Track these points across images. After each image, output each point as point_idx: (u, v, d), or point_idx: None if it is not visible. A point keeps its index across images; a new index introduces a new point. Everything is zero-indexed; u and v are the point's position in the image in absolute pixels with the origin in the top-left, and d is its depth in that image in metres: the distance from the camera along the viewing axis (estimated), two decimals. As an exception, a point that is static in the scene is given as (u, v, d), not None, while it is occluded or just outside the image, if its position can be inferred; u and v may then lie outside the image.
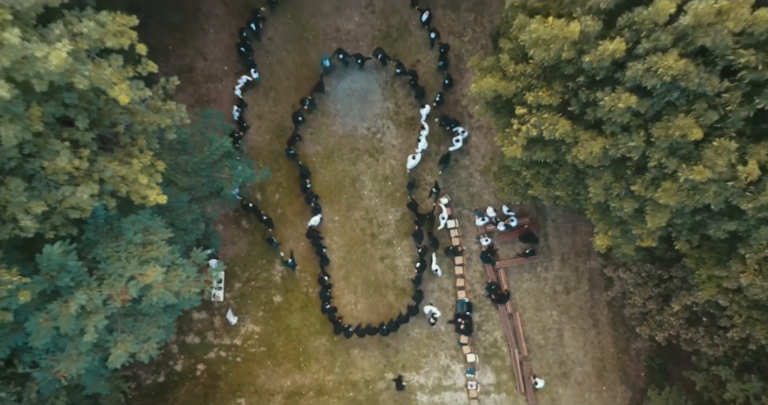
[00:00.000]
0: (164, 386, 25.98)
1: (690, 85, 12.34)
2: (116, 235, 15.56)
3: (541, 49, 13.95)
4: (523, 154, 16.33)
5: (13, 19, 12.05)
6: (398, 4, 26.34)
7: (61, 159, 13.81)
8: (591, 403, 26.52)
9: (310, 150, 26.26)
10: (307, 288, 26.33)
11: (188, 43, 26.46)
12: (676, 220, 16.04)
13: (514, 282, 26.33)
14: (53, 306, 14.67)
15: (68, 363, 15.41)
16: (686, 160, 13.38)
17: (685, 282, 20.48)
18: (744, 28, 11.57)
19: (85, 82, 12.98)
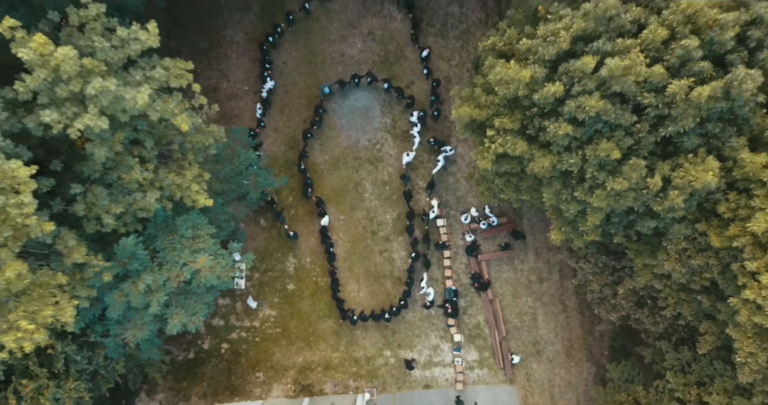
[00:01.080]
0: (194, 362, 30.22)
1: (609, 119, 16.57)
2: (171, 230, 19.79)
3: (503, 87, 18.19)
4: (493, 167, 20.56)
5: (107, 69, 16.27)
6: (395, 33, 30.56)
7: (134, 171, 18.03)
8: (561, 377, 30.76)
9: (318, 159, 30.49)
10: (316, 278, 30.55)
11: (213, 66, 30.70)
12: (614, 219, 20.26)
13: (494, 272, 30.57)
14: (125, 285, 18.91)
15: (135, 330, 19.65)
16: (611, 173, 17.61)
17: (632, 270, 24.70)
18: (645, 78, 15.80)
19: (156, 115, 17.19)
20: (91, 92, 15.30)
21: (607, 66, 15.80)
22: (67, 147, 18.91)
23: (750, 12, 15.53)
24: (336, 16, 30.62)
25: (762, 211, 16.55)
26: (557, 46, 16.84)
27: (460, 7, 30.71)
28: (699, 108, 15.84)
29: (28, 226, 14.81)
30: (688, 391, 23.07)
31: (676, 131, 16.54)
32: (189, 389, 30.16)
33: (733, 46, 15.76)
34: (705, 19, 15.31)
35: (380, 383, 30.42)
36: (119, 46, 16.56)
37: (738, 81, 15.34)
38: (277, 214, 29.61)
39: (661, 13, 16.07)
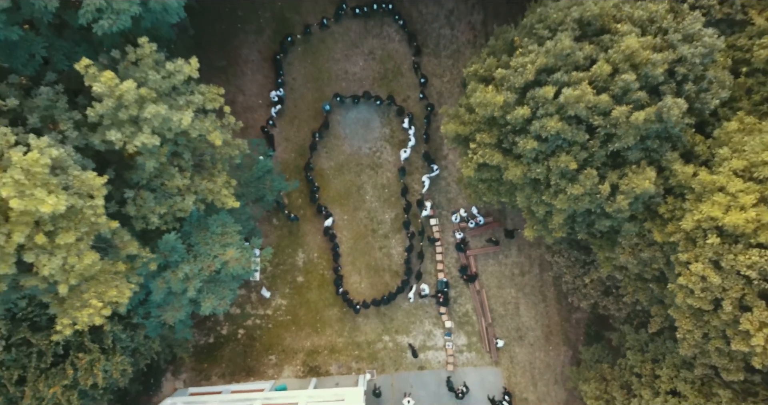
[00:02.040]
0: (214, 345, 33.92)
1: (567, 136, 20.28)
2: (204, 228, 23.49)
3: (482, 108, 21.91)
4: (475, 174, 24.28)
5: (156, 95, 19.97)
6: (393, 52, 34.26)
7: (175, 179, 21.73)
8: (540, 360, 34.50)
9: (325, 165, 34.21)
10: (323, 271, 34.27)
11: (231, 82, 34.38)
12: (578, 219, 23.96)
13: (481, 266, 34.31)
14: (166, 274, 22.63)
15: (173, 312, 23.38)
16: (570, 180, 21.31)
17: (597, 263, 28.42)
18: (594, 104, 19.52)
19: (195, 132, 20.88)
20: (146, 116, 19.01)
21: (564, 94, 19.52)
22: (118, 158, 22.58)
23: (676, 52, 19.26)
24: (340, 38, 34.32)
25: (690, 212, 20.29)
26: (525, 77, 20.57)
27: (451, 30, 34.43)
28: (638, 128, 19.57)
29: (98, 224, 18.52)
30: (644, 366, 26.82)
31: (621, 147, 20.26)
32: (209, 370, 33.88)
33: (664, 79, 19.50)
34: (640, 58, 19.04)
35: (379, 365, 34.14)
36: (167, 77, 20.28)
37: (667, 107, 19.08)
38: (278, 203, 32.99)
39: (608, 51, 19.80)
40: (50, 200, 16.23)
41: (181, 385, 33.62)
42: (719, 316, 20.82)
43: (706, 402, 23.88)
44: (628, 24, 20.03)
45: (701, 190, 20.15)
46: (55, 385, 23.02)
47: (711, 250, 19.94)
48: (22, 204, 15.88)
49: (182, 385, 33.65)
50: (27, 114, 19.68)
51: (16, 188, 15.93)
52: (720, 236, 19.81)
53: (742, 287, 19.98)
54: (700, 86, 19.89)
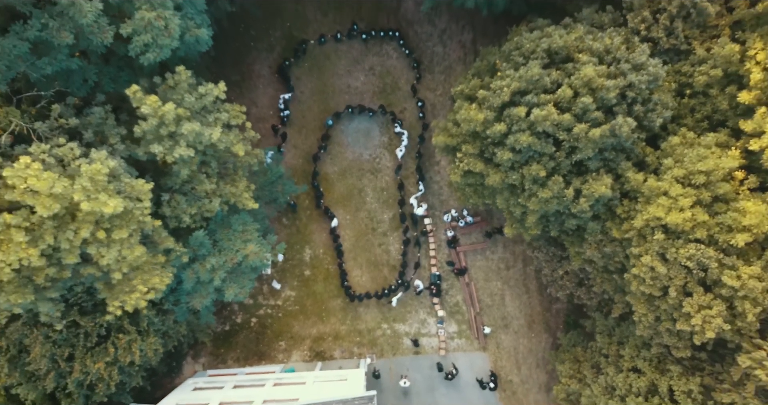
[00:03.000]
0: (229, 333, 37.65)
1: (537, 149, 24.00)
2: (227, 226, 27.22)
3: (466, 124, 25.65)
4: (461, 179, 28.02)
5: (190, 114, 23.69)
6: (391, 68, 37.99)
7: (204, 184, 25.44)
8: (524, 346, 38.23)
9: (330, 170, 37.94)
10: (327, 266, 37.99)
11: (245, 95, 38.09)
12: (551, 219, 27.68)
13: (470, 261, 38.05)
14: (195, 265, 26.36)
15: (200, 299, 27.11)
16: (541, 186, 25.02)
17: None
18: (559, 122, 23.24)
19: (222, 145, 24.60)
20: (183, 132, 22.74)
21: (534, 113, 23.27)
22: (154, 166, 26.28)
23: (627, 79, 22.99)
24: (343, 55, 38.06)
25: (641, 212, 24.04)
26: (501, 98, 24.31)
27: (443, 48, 38.18)
28: (595, 142, 23.31)
29: (144, 222, 22.24)
30: (611, 348, 30.58)
31: (583, 157, 23.99)
32: (225, 354, 37.62)
33: (616, 101, 23.24)
34: (596, 84, 22.78)
35: (379, 350, 37.88)
36: (199, 98, 24.03)
37: (619, 125, 22.83)
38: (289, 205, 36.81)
39: (570, 78, 23.53)
40: (111, 203, 19.96)
41: (200, 368, 37.36)
42: (667, 301, 24.57)
43: (660, 377, 27.61)
44: (588, 54, 23.78)
45: (649, 194, 23.90)
46: (99, 361, 26.74)
47: (657, 244, 23.70)
48: (89, 206, 19.62)
49: (201, 368, 37.39)
50: (82, 130, 23.41)
51: (85, 193, 19.66)
52: (664, 233, 23.57)
53: (684, 276, 23.75)
54: (647, 107, 23.65)
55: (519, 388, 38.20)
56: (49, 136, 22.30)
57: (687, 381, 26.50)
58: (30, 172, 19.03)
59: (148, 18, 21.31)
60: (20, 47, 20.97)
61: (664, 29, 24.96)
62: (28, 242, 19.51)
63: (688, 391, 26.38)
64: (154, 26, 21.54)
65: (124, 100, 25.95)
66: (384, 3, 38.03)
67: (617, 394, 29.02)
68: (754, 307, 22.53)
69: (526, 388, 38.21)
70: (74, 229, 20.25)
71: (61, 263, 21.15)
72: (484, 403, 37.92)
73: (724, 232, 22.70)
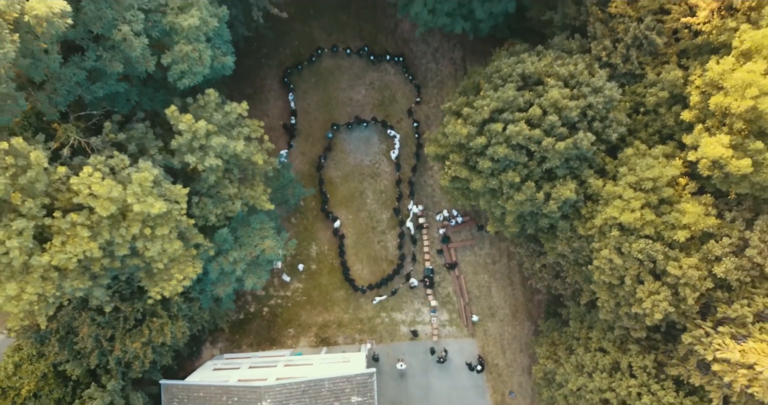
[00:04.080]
0: (243, 321, 41.86)
1: (513, 158, 28.22)
2: (247, 224, 31.46)
3: (453, 137, 29.88)
4: (450, 184, 32.26)
5: (218, 129, 27.91)
6: (389, 83, 42.24)
7: (228, 188, 29.62)
8: (508, 333, 42.45)
9: (334, 174, 42.18)
10: (332, 261, 42.20)
11: (257, 107, 42.29)
12: (527, 218, 31.90)
13: (460, 256, 42.30)
14: (220, 258, 30.60)
15: (224, 287, 31.36)
16: (516, 190, 29.24)
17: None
18: (530, 136, 27.47)
19: (244, 155, 28.82)
20: (212, 144, 26.98)
21: (509, 129, 27.52)
22: (183, 173, 30.49)
23: (587, 100, 27.24)
24: (346, 71, 42.32)
25: (600, 213, 28.31)
26: (482, 115, 28.56)
27: (436, 65, 42.44)
28: (561, 153, 27.55)
29: (181, 221, 26.46)
30: (582, 332, 34.83)
31: (551, 166, 28.25)
32: (240, 340, 41.86)
33: (578, 119, 27.49)
34: (561, 105, 27.03)
35: (378, 336, 42.12)
36: (225, 115, 28.27)
37: (580, 139, 27.09)
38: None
39: (540, 98, 27.78)
40: (156, 205, 24.20)
41: (218, 353, 41.59)
42: (624, 288, 28.84)
43: (622, 355, 31.86)
44: (555, 78, 28.05)
45: (607, 197, 28.16)
46: (136, 341, 30.97)
47: (614, 240, 27.95)
48: (140, 207, 23.86)
49: (218, 352, 41.63)
50: (126, 143, 27.64)
51: (136, 197, 23.89)
52: (620, 230, 27.83)
53: (637, 267, 28.01)
54: (605, 124, 27.91)
55: (504, 370, 42.44)
56: (101, 149, 26.55)
57: (643, 358, 30.76)
58: (93, 180, 23.27)
59: (185, 50, 25.59)
60: (78, 75, 25.25)
61: (622, 56, 29.21)
62: (90, 237, 23.74)
63: (644, 367, 30.64)
64: (190, 57, 25.81)
65: (158, 115, 30.40)
66: (383, 24, 42.32)
67: (586, 371, 33.28)
68: (693, 292, 26.79)
69: (510, 370, 42.45)
70: (126, 227, 24.49)
71: (113, 255, 25.40)
72: (473, 384, 42.16)
73: (669, 229, 26.98)
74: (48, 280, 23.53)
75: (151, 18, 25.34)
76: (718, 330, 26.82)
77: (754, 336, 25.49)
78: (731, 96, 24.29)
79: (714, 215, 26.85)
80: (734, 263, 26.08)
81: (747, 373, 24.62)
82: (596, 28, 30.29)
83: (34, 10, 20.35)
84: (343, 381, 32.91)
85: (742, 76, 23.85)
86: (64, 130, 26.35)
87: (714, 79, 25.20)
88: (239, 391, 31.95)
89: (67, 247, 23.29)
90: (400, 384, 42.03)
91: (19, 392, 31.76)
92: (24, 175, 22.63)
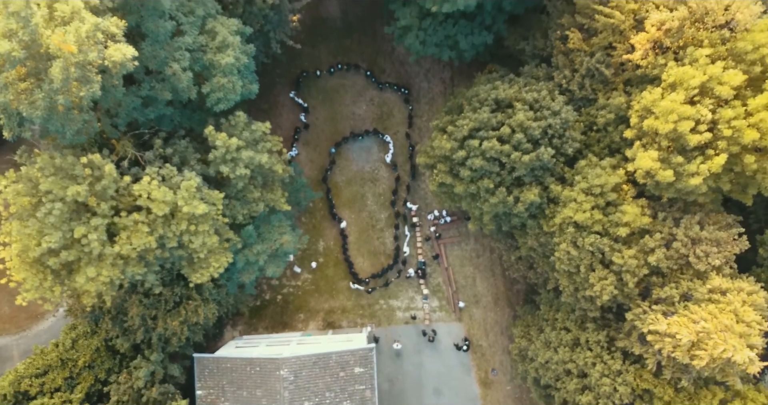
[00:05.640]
0: (260, 307, 48.03)
1: (487, 169, 34.40)
2: (268, 222, 37.64)
3: (438, 150, 36.08)
4: (438, 189, 38.46)
5: (246, 144, 34.06)
6: (387, 100, 48.42)
7: (253, 192, 35.78)
8: (491, 318, 48.62)
9: (339, 179, 48.38)
10: (337, 255, 48.36)
11: (271, 121, 47.59)
12: (502, 218, 38.08)
13: (449, 250, 48.47)
14: (246, 250, 36.77)
15: (248, 275, 37.56)
16: (491, 194, 35.40)
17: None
18: (501, 151, 33.62)
19: (267, 165, 34.96)
20: (242, 157, 33.15)
21: (484, 145, 33.71)
22: (214, 180, 36.62)
23: (547, 121, 33.41)
24: (350, 89, 48.51)
25: (559, 213, 34.49)
26: (462, 133, 34.74)
27: (428, 84, 48.65)
28: (527, 165, 33.71)
29: (217, 220, 32.63)
30: (550, 314, 41.03)
31: (519, 174, 34.45)
32: (257, 324, 48.04)
33: (540, 136, 33.67)
34: (526, 125, 33.20)
35: (377, 320, 48.30)
36: (251, 133, 34.43)
37: (542, 153, 33.28)
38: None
39: (510, 119, 33.95)
40: (201, 207, 30.37)
41: (237, 334, 47.78)
42: (579, 275, 35.03)
43: (581, 332, 38.04)
44: (522, 103, 34.25)
45: (565, 200, 34.37)
46: (175, 320, 37.11)
47: (570, 235, 34.16)
48: (188, 208, 30.03)
49: (238, 334, 47.81)
50: (171, 156, 33.79)
51: (184, 200, 30.05)
52: (575, 227, 34.03)
53: (589, 257, 34.21)
54: (562, 140, 34.12)
55: (487, 350, 48.63)
56: (152, 161, 32.72)
57: (598, 334, 36.96)
58: (151, 187, 29.46)
59: (222, 82, 31.80)
60: (135, 102, 31.39)
61: (578, 84, 35.40)
62: (148, 232, 29.93)
63: (598, 341, 36.85)
64: (225, 87, 32.01)
65: (193, 131, 36.55)
66: (381, 48, 48.54)
67: (552, 347, 39.46)
68: (633, 278, 32.99)
69: (492, 350, 48.64)
70: (175, 224, 30.67)
71: (164, 247, 31.58)
72: (459, 362, 48.36)
73: (613, 227, 33.19)
74: (116, 266, 29.71)
75: (195, 56, 31.51)
76: (653, 308, 33.03)
77: (679, 312, 31.69)
78: (659, 120, 30.47)
79: (649, 215, 33.08)
80: (664, 254, 32.31)
81: (671, 341, 30.82)
82: (558, 59, 36.49)
83: (113, 56, 26.48)
84: (347, 354, 39.12)
85: (666, 104, 30.03)
86: (122, 146, 32.50)
87: (647, 105, 31.39)
88: (261, 362, 38.16)
89: (132, 240, 29.49)
90: (396, 362, 48.22)
91: (76, 363, 37.91)
92: (98, 183, 28.85)
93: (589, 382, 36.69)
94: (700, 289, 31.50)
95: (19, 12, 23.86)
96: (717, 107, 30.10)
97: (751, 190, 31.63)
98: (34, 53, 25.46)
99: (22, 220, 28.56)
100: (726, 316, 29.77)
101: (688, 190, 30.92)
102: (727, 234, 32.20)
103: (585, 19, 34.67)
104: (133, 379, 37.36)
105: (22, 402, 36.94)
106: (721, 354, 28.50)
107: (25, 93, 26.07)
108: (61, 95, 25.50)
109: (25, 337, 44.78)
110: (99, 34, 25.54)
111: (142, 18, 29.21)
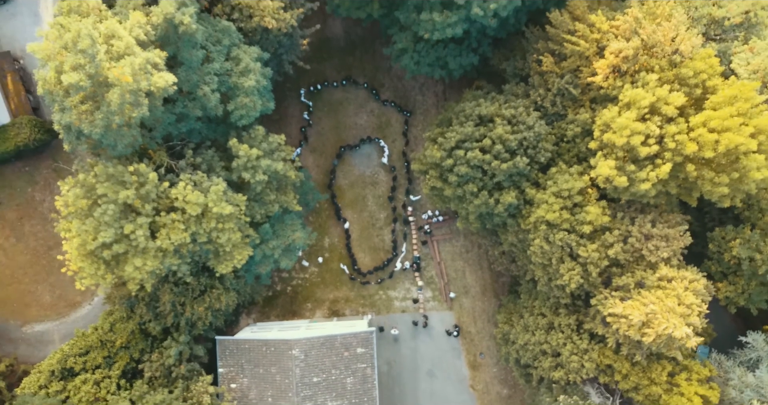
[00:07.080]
0: (272, 297, 53.56)
1: (471, 175, 39.90)
2: (281, 221, 43.18)
3: (430, 158, 41.61)
4: (429, 191, 44.00)
5: (264, 154, 39.57)
6: (386, 111, 53.93)
7: (269, 195, 41.29)
8: (479, 307, 54.14)
9: (343, 183, 53.90)
10: (341, 251, 53.89)
11: (282, 129, 53.76)
12: (485, 217, 43.57)
13: (441, 247, 54.02)
14: (263, 245, 42.30)
15: (264, 267, 43.13)
16: (475, 197, 40.88)
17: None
18: (483, 160, 39.13)
19: (282, 171, 40.48)
20: (261, 165, 38.66)
21: (468, 154, 39.24)
22: (234, 184, 42.09)
23: (523, 134, 38.94)
24: (352, 101, 54.02)
25: (534, 213, 40.02)
26: (450, 144, 40.27)
27: (422, 96, 54.20)
28: (505, 172, 39.24)
29: (240, 219, 38.15)
30: (528, 302, 46.53)
31: (499, 180, 39.98)
32: (269, 312, 53.57)
33: (516, 147, 39.21)
34: (504, 138, 38.72)
35: (377, 309, 53.85)
36: (269, 144, 39.95)
37: (518, 162, 38.79)
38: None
39: (491, 132, 39.46)
40: (227, 208, 35.90)
41: (251, 322, 53.33)
42: (552, 267, 40.59)
43: (555, 317, 43.58)
44: (501, 118, 39.79)
45: (538, 202, 39.91)
46: (201, 306, 42.64)
47: (543, 232, 39.71)
48: (217, 209, 35.57)
49: (252, 321, 53.36)
50: (199, 164, 39.29)
51: (214, 202, 35.55)
52: (547, 225, 39.58)
53: (560, 251, 39.78)
54: (536, 151, 39.66)
55: (475, 336, 54.19)
56: (184, 168, 38.26)
57: (569, 318, 42.53)
58: (186, 191, 34.99)
59: (245, 101, 37.35)
60: (170, 118, 36.94)
61: (551, 101, 40.94)
62: (184, 230, 35.46)
63: (569, 324, 42.42)
64: (247, 106, 37.55)
65: (217, 141, 42.07)
66: (380, 65, 54.06)
67: (530, 330, 45.00)
68: (595, 269, 38.55)
69: (480, 336, 54.19)
70: (206, 222, 36.22)
71: (195, 241, 37.13)
72: (451, 347, 53.92)
73: (579, 225, 38.75)
74: (156, 258, 35.27)
75: (221, 79, 37.05)
76: (613, 294, 38.60)
77: (634, 297, 37.26)
78: (616, 134, 36.01)
79: (609, 215, 38.68)
80: (622, 248, 37.88)
81: (626, 322, 36.38)
82: (535, 79, 42.05)
83: (158, 83, 32.00)
84: (350, 337, 44.72)
85: (622, 120, 35.57)
86: (159, 155, 38.03)
87: (606, 121, 36.94)
88: (275, 343, 43.74)
89: (170, 236, 35.04)
90: (393, 347, 53.75)
91: (114, 344, 43.46)
92: (143, 188, 34.41)
93: (561, 360, 42.26)
94: (651, 278, 37.07)
95: (86, 50, 29.36)
96: (664, 124, 35.63)
97: (695, 194, 37.19)
98: (95, 82, 31.00)
99: (80, 219, 34.08)
100: (670, 300, 35.34)
101: (641, 194, 36.48)
102: (675, 231, 37.77)
103: (556, 46, 40.22)
104: (164, 357, 42.91)
105: (67, 377, 42.52)
106: (664, 331, 34.05)
107: (86, 114, 31.63)
108: (117, 116, 31.04)
109: (65, 323, 50.28)
110: (148, 66, 31.08)
111: (178, 48, 34.77)
